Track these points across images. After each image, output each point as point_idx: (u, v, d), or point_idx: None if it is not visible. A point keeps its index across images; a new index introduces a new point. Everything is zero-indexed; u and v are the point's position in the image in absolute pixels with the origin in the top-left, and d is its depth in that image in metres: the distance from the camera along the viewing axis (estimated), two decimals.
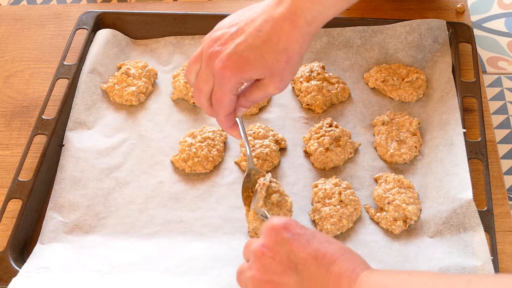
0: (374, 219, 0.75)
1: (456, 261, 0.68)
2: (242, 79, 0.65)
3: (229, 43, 0.65)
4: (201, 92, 0.68)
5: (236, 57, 0.64)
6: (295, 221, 0.61)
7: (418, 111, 0.86)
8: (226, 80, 0.65)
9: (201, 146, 0.81)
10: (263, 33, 0.64)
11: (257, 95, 0.68)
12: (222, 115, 0.69)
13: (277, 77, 0.65)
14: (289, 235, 0.59)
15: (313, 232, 0.60)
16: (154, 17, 0.97)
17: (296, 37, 0.64)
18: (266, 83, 0.66)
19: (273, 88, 0.66)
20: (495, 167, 0.80)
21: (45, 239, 0.74)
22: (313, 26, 0.65)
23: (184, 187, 0.80)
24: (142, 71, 0.90)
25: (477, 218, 0.70)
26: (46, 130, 0.82)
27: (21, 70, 0.97)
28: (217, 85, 0.66)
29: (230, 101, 0.67)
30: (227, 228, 0.75)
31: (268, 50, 0.64)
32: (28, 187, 0.77)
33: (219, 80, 0.65)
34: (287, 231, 0.59)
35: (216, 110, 0.69)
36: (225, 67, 0.64)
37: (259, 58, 0.64)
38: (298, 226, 0.60)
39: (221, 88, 0.66)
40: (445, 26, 0.90)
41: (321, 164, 0.80)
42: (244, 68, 0.64)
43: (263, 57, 0.64)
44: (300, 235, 0.59)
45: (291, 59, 0.65)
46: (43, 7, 1.07)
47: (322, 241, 0.58)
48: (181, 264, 0.72)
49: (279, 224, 0.60)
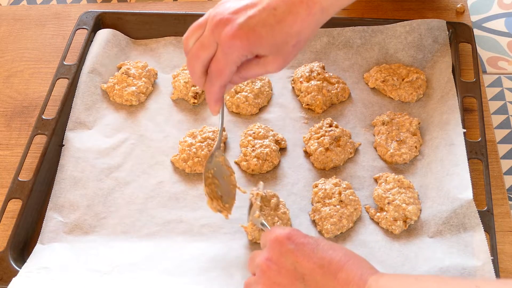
0: (374, 219, 0.75)
1: (456, 261, 0.68)
2: (249, 52, 0.64)
3: (241, 13, 0.63)
4: (197, 58, 0.65)
5: (248, 30, 0.62)
6: (297, 230, 0.61)
7: (418, 111, 0.86)
8: (233, 50, 0.63)
9: (201, 146, 0.81)
10: (279, 12, 0.62)
11: (254, 71, 0.66)
12: (218, 85, 0.66)
13: (282, 57, 0.65)
14: (293, 246, 0.59)
15: (316, 240, 0.60)
16: (154, 17, 0.97)
17: (310, 24, 0.64)
18: (268, 61, 0.65)
19: (274, 67, 0.65)
20: (495, 167, 0.80)
21: (45, 239, 0.74)
22: (325, 15, 0.65)
23: (184, 187, 0.80)
24: (142, 71, 0.90)
25: (477, 218, 0.70)
26: (46, 130, 0.82)
27: (21, 70, 0.97)
28: (221, 54, 0.64)
29: (231, 72, 0.65)
30: (227, 228, 0.75)
31: (280, 31, 0.63)
32: (28, 187, 0.77)
33: (225, 49, 0.63)
34: (290, 241, 0.59)
35: (211, 80, 0.66)
36: (235, 36, 0.62)
37: (270, 36, 0.63)
38: (301, 235, 0.60)
39: (225, 57, 0.64)
40: (445, 26, 0.90)
41: (321, 164, 0.80)
42: (254, 42, 0.63)
43: (274, 36, 0.63)
44: (304, 244, 0.59)
45: (299, 44, 0.65)
46: (43, 7, 1.07)
47: (326, 248, 0.58)
48: (181, 264, 0.72)
49: (282, 235, 0.59)
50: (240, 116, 0.87)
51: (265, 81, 0.89)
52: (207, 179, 0.71)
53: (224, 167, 0.74)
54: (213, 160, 0.72)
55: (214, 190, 0.71)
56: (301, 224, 0.75)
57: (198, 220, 0.76)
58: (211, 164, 0.72)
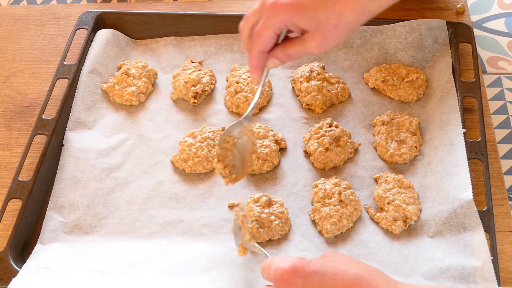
0: (374, 219, 0.75)
1: (456, 261, 0.68)
2: (289, 21, 0.65)
3: None
4: (247, 20, 0.69)
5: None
6: (300, 259, 0.58)
7: (418, 111, 0.86)
8: (273, 14, 0.65)
9: (201, 146, 0.81)
10: None
11: (295, 49, 0.68)
12: (256, 50, 0.69)
13: (321, 35, 0.65)
14: (302, 281, 0.56)
15: (322, 264, 0.57)
16: (154, 17, 0.97)
17: (354, 7, 0.64)
18: (307, 38, 0.66)
19: (313, 45, 0.66)
20: (495, 167, 0.80)
21: (45, 239, 0.74)
22: (372, 5, 0.65)
23: (184, 187, 0.80)
24: (142, 71, 0.90)
25: (477, 218, 0.70)
26: (46, 130, 0.82)
27: (21, 70, 0.97)
28: (263, 18, 0.67)
29: (269, 37, 0.67)
30: (227, 228, 0.75)
31: (323, 6, 0.64)
32: (28, 187, 0.77)
33: (266, 13, 0.66)
34: (297, 276, 0.57)
35: (252, 43, 0.69)
36: (278, 2, 0.65)
37: (312, 9, 0.64)
38: (305, 264, 0.57)
39: (266, 21, 0.66)
40: (445, 26, 0.90)
41: (321, 164, 0.80)
42: (294, 11, 0.64)
43: (316, 10, 0.64)
44: (312, 275, 0.56)
45: (340, 25, 0.65)
46: (43, 7, 1.07)
47: (336, 272, 0.56)
48: (181, 264, 0.72)
49: (287, 271, 0.57)
50: (240, 116, 0.87)
51: (265, 81, 0.89)
52: (224, 142, 0.72)
53: (250, 142, 0.74)
54: (240, 129, 0.73)
55: (228, 156, 0.72)
56: (301, 224, 0.75)
57: (198, 220, 0.76)
58: (236, 131, 0.73)
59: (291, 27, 0.67)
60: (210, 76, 0.91)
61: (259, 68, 0.70)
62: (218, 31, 0.95)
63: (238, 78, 0.89)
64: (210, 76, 0.91)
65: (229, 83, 0.90)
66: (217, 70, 0.93)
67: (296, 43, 0.68)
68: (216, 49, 0.95)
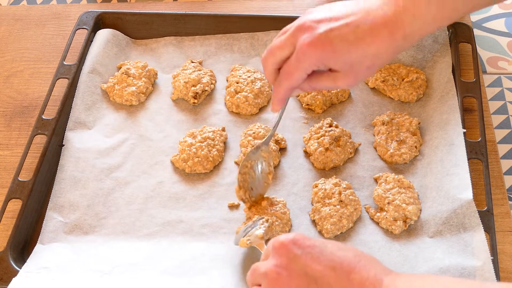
0: (374, 219, 0.75)
1: (456, 261, 0.68)
2: (321, 63, 0.65)
3: (324, 23, 0.64)
4: (273, 56, 0.68)
5: (325, 41, 0.63)
6: (302, 234, 0.60)
7: (418, 111, 0.86)
8: (307, 57, 0.65)
9: (201, 146, 0.81)
10: (360, 30, 0.63)
11: (324, 84, 0.68)
12: (285, 87, 0.69)
13: (353, 76, 0.66)
14: (300, 251, 0.57)
15: (323, 241, 0.59)
16: (154, 17, 0.97)
17: (388, 48, 0.64)
18: (339, 77, 0.66)
19: (345, 84, 0.66)
20: (495, 167, 0.80)
21: (45, 239, 0.74)
22: (407, 42, 0.65)
23: (184, 187, 0.80)
24: (142, 71, 0.90)
25: (477, 218, 0.70)
26: (46, 130, 0.82)
27: (21, 70, 0.97)
28: (295, 59, 0.66)
29: (300, 78, 0.67)
30: (227, 228, 0.75)
31: (357, 49, 0.63)
32: (28, 187, 0.77)
33: (299, 55, 0.65)
34: (297, 246, 0.58)
35: (281, 80, 0.69)
36: (311, 45, 0.64)
37: (346, 52, 0.63)
38: (306, 238, 0.59)
39: (298, 62, 0.66)
40: (445, 26, 0.90)
41: (321, 164, 0.80)
42: (328, 55, 0.64)
43: (350, 52, 0.64)
44: (312, 247, 0.57)
45: (373, 66, 0.65)
46: (43, 7, 1.07)
47: (335, 250, 0.57)
48: (181, 264, 0.72)
49: (287, 241, 0.58)
50: (240, 116, 0.87)
51: (265, 81, 0.89)
52: (243, 168, 0.74)
53: (266, 163, 0.76)
54: (258, 153, 0.75)
55: (247, 180, 0.74)
56: (301, 224, 0.75)
57: (198, 220, 0.76)
58: (254, 155, 0.75)
59: (322, 67, 0.66)
60: (210, 76, 0.91)
61: (283, 101, 0.71)
62: (218, 31, 0.95)
63: (238, 78, 0.89)
64: (210, 76, 0.91)
65: (229, 83, 0.90)
66: (217, 70, 0.93)
67: (325, 78, 0.67)
68: (216, 49, 0.95)
